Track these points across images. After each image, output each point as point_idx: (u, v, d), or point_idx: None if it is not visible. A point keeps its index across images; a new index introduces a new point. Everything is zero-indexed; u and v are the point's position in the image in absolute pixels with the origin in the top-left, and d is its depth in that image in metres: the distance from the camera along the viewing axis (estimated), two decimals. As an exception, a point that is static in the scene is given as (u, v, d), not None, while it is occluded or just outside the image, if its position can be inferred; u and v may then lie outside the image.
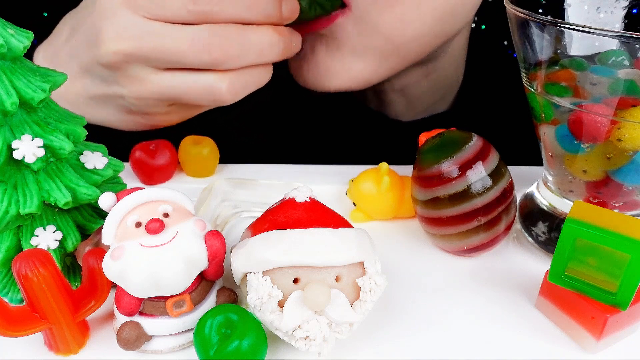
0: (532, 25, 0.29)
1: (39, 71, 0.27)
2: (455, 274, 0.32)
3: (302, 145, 0.53)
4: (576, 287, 0.27)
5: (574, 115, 0.29)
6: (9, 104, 0.25)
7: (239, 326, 0.24)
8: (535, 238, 0.34)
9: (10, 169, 0.26)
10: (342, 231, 0.26)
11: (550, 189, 0.34)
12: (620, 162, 0.29)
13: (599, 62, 0.29)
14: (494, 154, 0.32)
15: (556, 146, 0.32)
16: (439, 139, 0.32)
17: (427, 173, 0.32)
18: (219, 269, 0.27)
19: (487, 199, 0.30)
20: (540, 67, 0.31)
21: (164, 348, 0.27)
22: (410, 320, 0.29)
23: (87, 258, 0.27)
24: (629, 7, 0.34)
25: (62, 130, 0.27)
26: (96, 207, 0.30)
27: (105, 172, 0.29)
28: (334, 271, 0.25)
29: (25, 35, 0.25)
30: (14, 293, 0.29)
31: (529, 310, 0.30)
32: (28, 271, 0.24)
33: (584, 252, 0.26)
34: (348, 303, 0.25)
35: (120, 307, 0.26)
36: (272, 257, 0.25)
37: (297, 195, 0.27)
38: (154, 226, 0.25)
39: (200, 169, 0.41)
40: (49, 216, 0.28)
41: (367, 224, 0.37)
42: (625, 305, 0.26)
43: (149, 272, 0.24)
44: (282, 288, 0.24)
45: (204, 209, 0.35)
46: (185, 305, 0.26)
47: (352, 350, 0.27)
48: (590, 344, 0.27)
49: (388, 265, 0.33)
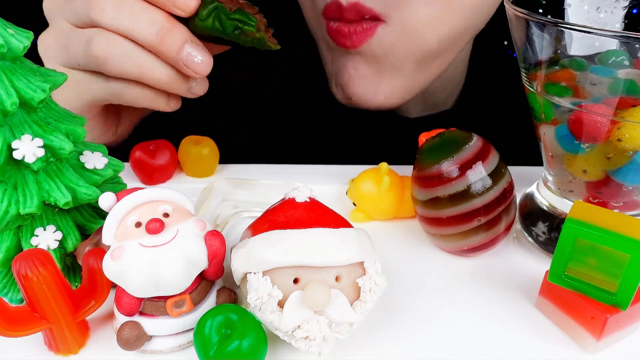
0: (532, 25, 0.29)
1: (39, 71, 0.27)
2: (455, 274, 0.32)
3: (302, 145, 0.53)
4: (576, 287, 0.27)
5: (574, 115, 0.29)
6: (9, 104, 0.25)
7: (239, 326, 0.24)
8: (535, 238, 0.34)
9: (10, 169, 0.26)
10: (342, 231, 0.26)
11: (550, 189, 0.34)
12: (620, 162, 0.29)
13: (599, 62, 0.29)
14: (494, 154, 0.32)
15: (556, 146, 0.32)
16: (439, 139, 0.32)
17: (427, 173, 0.32)
18: (219, 269, 0.27)
19: (487, 199, 0.30)
20: (540, 67, 0.31)
21: (164, 348, 0.27)
22: (410, 320, 0.29)
23: (87, 258, 0.27)
24: (629, 7, 0.34)
25: (62, 130, 0.27)
26: (96, 207, 0.30)
27: (105, 172, 0.29)
28: (334, 271, 0.25)
29: (25, 35, 0.25)
30: (14, 293, 0.29)
31: (529, 310, 0.30)
32: (28, 271, 0.24)
33: (584, 252, 0.26)
34: (348, 303, 0.25)
35: (120, 307, 0.26)
36: (272, 257, 0.25)
37: (297, 195, 0.27)
38: (154, 226, 0.25)
39: (200, 169, 0.41)
40: (49, 216, 0.28)
41: (367, 224, 0.37)
42: (625, 305, 0.26)
43: (149, 272, 0.24)
44: (282, 288, 0.24)
45: (204, 209, 0.35)
46: (185, 305, 0.26)
47: (352, 350, 0.27)
48: (590, 344, 0.27)
49: (388, 265, 0.33)
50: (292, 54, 0.49)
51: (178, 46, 0.32)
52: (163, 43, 0.32)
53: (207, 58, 0.33)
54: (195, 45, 0.32)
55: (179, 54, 0.32)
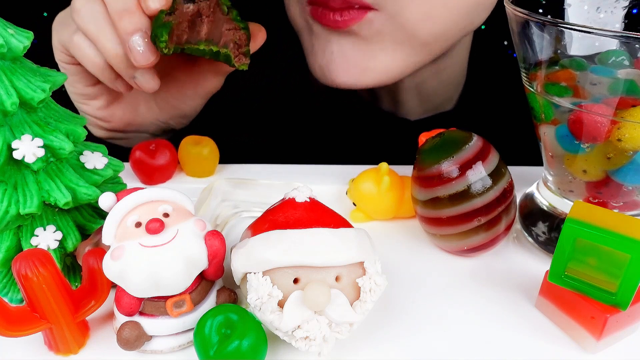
0: (532, 25, 0.29)
1: (39, 71, 0.27)
2: (455, 274, 0.32)
3: (302, 145, 0.53)
4: (576, 287, 0.27)
5: (574, 115, 0.29)
6: (9, 104, 0.25)
7: (239, 326, 0.24)
8: (535, 238, 0.34)
9: (10, 169, 0.26)
10: (342, 231, 0.26)
11: (550, 189, 0.34)
12: (620, 162, 0.29)
13: (599, 62, 0.29)
14: (494, 154, 0.32)
15: (556, 146, 0.32)
16: (439, 139, 0.32)
17: (427, 173, 0.32)
18: (219, 269, 0.27)
19: (487, 199, 0.30)
20: (540, 67, 0.31)
21: (164, 348, 0.27)
22: (410, 320, 0.29)
23: (87, 258, 0.27)
24: (629, 7, 0.34)
25: (62, 130, 0.27)
26: (96, 207, 0.30)
27: (105, 172, 0.29)
28: (334, 271, 0.25)
29: (25, 35, 0.25)
30: (14, 293, 0.29)
31: (529, 310, 0.30)
32: (28, 271, 0.24)
33: (584, 252, 0.26)
34: (348, 303, 0.25)
35: (120, 307, 0.26)
36: (272, 257, 0.25)
37: (297, 195, 0.27)
38: (154, 226, 0.25)
39: (200, 169, 0.41)
40: (49, 216, 0.28)
41: (367, 224, 0.37)
42: (625, 305, 0.26)
43: (149, 272, 0.24)
44: (282, 288, 0.24)
45: (204, 209, 0.35)
46: (185, 305, 0.26)
47: (352, 350, 0.27)
48: (590, 344, 0.27)
49: (388, 265, 0.33)
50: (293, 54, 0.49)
51: (130, 29, 0.34)
52: (121, 20, 0.34)
53: (150, 55, 0.34)
54: (145, 37, 0.34)
55: (127, 36, 0.34)
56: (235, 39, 0.37)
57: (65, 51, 0.38)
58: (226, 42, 0.36)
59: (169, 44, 0.34)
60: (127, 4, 0.34)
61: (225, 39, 0.36)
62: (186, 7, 0.35)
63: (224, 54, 0.36)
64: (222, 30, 0.36)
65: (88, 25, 0.35)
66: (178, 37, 0.34)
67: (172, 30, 0.34)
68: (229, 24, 0.37)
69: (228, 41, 0.36)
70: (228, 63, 0.37)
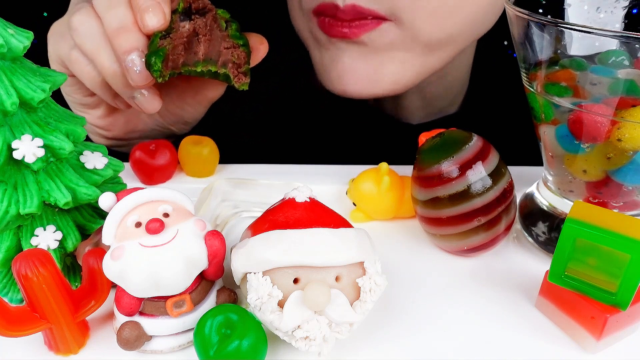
0: (532, 25, 0.29)
1: (39, 71, 0.27)
2: (455, 274, 0.32)
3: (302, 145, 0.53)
4: (576, 287, 0.27)
5: (574, 115, 0.29)
6: (9, 104, 0.25)
7: (239, 326, 0.24)
8: (535, 238, 0.34)
9: (10, 169, 0.26)
10: (342, 231, 0.26)
11: (550, 189, 0.34)
12: (620, 162, 0.29)
13: (599, 62, 0.29)
14: (494, 154, 0.32)
15: (556, 146, 0.32)
16: (439, 139, 0.32)
17: (427, 173, 0.32)
18: (219, 269, 0.27)
19: (487, 199, 0.30)
20: (540, 67, 0.31)
21: (164, 348, 0.27)
22: (410, 320, 0.29)
23: (87, 258, 0.27)
24: (629, 7, 0.34)
25: (62, 130, 0.27)
26: (96, 207, 0.30)
27: (105, 172, 0.29)
28: (334, 271, 0.25)
29: (25, 35, 0.25)
30: (14, 293, 0.29)
31: (529, 310, 0.30)
32: (28, 271, 0.24)
33: (584, 252, 0.26)
34: (348, 303, 0.25)
35: (120, 307, 0.26)
36: (272, 257, 0.25)
37: (297, 195, 0.27)
38: (154, 226, 0.25)
39: (200, 169, 0.41)
40: (49, 216, 0.28)
41: (367, 224, 0.37)
42: (625, 305, 0.26)
43: (149, 272, 0.24)
44: (282, 288, 0.24)
45: (204, 209, 0.35)
46: (185, 305, 0.26)
47: (352, 350, 0.27)
48: (590, 344, 0.27)
49: (388, 265, 0.33)
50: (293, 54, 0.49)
51: (127, 48, 0.33)
52: (117, 38, 0.33)
53: (147, 75, 0.34)
54: (142, 56, 0.33)
55: (124, 55, 0.33)
56: (234, 58, 0.36)
57: (62, 64, 0.38)
58: (225, 61, 0.36)
59: (163, 71, 0.33)
60: (123, 22, 0.33)
61: (223, 58, 0.36)
62: (182, 26, 0.34)
63: (222, 74, 0.36)
64: (220, 49, 0.36)
65: (85, 43, 0.35)
66: (174, 62, 0.34)
67: (166, 57, 0.33)
68: (227, 42, 0.36)
69: (227, 60, 0.36)
70: (227, 83, 0.36)
